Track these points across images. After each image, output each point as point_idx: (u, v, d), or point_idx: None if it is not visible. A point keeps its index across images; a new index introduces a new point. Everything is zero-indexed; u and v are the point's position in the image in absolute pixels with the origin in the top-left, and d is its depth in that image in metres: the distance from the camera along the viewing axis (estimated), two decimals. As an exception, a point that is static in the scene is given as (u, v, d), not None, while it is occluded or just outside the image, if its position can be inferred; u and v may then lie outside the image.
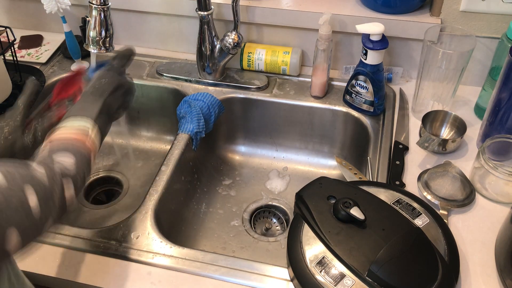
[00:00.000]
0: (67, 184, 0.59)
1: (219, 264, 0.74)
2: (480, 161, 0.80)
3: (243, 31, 1.08)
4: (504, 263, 0.69)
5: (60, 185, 0.58)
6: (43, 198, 0.54)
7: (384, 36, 0.93)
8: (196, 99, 1.02)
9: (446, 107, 0.97)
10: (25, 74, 1.07)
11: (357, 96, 0.99)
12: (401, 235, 0.68)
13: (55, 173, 0.57)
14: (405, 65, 1.07)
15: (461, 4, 0.95)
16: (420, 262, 0.66)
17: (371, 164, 0.91)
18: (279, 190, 1.07)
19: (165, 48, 1.18)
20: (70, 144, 0.64)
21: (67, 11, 1.03)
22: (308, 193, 0.76)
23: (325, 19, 0.94)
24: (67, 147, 0.63)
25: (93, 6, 0.84)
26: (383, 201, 0.75)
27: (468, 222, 0.79)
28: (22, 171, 0.53)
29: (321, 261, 0.68)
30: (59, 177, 0.58)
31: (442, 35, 0.94)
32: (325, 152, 1.11)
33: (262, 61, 1.07)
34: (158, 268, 0.74)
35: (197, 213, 1.01)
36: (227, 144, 1.14)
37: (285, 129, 1.09)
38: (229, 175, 1.10)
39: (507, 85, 0.81)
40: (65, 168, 0.60)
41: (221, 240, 0.97)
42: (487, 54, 0.98)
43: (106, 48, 0.88)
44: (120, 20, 1.14)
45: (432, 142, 0.87)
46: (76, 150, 0.63)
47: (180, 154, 0.94)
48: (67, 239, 0.78)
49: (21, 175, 0.52)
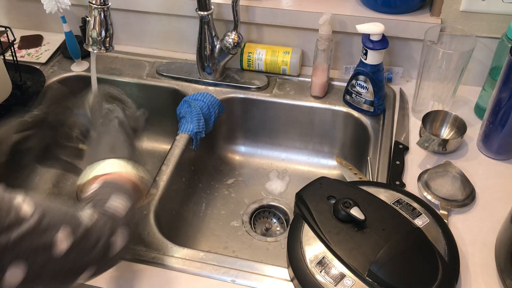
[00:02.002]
0: (116, 242, 0.56)
1: (219, 264, 0.74)
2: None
3: (243, 31, 1.08)
4: (504, 263, 0.69)
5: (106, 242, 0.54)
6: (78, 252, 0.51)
7: (384, 36, 0.93)
8: (196, 99, 1.02)
9: (446, 107, 0.97)
10: (25, 74, 1.07)
11: (357, 96, 0.99)
12: (401, 235, 0.68)
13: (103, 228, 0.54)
14: (405, 65, 1.07)
15: (461, 4, 0.95)
16: (420, 262, 0.66)
17: (371, 164, 0.91)
18: (279, 190, 1.07)
19: (165, 48, 1.18)
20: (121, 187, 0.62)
21: (67, 11, 1.03)
22: (308, 193, 0.76)
23: (325, 19, 0.94)
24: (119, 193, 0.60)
25: (93, 6, 0.84)
26: (383, 201, 0.75)
27: (468, 222, 0.79)
28: (65, 219, 0.51)
29: (321, 261, 0.68)
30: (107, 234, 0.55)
31: (442, 35, 0.94)
32: (325, 152, 1.11)
33: (262, 61, 1.07)
34: (158, 268, 0.74)
35: (197, 213, 1.01)
36: (227, 144, 1.14)
37: (285, 129, 1.09)
38: (229, 175, 1.10)
39: (507, 85, 0.81)
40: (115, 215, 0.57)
41: (221, 240, 0.97)
42: (487, 54, 0.98)
43: (106, 48, 0.88)
44: (120, 20, 1.14)
45: (432, 142, 0.87)
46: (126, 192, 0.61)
47: (180, 154, 0.94)
48: (67, 239, 0.78)
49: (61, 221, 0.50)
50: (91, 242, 0.53)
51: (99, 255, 0.54)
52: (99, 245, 0.54)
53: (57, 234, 0.49)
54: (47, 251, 0.49)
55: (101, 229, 0.54)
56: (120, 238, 0.57)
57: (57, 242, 0.49)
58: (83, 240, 0.52)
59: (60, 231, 0.50)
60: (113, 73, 1.11)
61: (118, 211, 0.58)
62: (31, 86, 1.05)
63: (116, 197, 0.59)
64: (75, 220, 0.52)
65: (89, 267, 0.54)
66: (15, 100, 1.01)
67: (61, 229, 0.50)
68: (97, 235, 0.54)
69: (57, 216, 0.50)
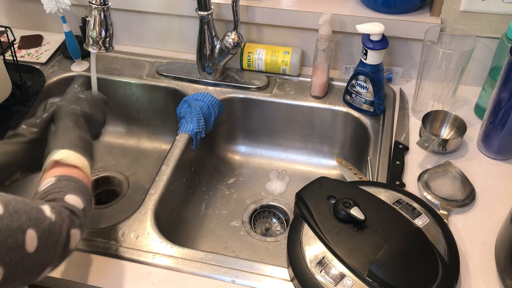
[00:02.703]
0: (74, 235, 0.59)
1: (219, 264, 0.74)
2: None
3: (243, 31, 1.08)
4: (504, 263, 0.69)
5: (66, 235, 0.57)
6: (45, 246, 0.53)
7: (384, 36, 0.93)
8: (196, 99, 1.02)
9: (446, 107, 0.97)
10: (25, 74, 1.07)
11: (357, 96, 0.99)
12: (401, 235, 0.68)
13: (64, 222, 0.57)
14: (405, 65, 1.07)
15: (461, 4, 0.95)
16: (420, 262, 0.66)
17: (371, 164, 0.91)
18: (279, 190, 1.07)
19: (165, 48, 1.18)
20: (77, 187, 0.63)
21: (67, 11, 1.03)
22: (308, 193, 0.76)
23: (325, 19, 0.94)
24: (75, 189, 0.62)
25: (93, 6, 0.84)
26: (383, 201, 0.75)
27: (468, 222, 0.79)
28: (32, 214, 0.53)
29: (321, 261, 0.68)
30: (67, 228, 0.57)
31: (442, 35, 0.94)
32: (325, 152, 1.11)
33: (262, 61, 1.07)
34: (158, 268, 0.74)
35: (197, 213, 1.01)
36: (227, 144, 1.14)
37: (285, 129, 1.09)
38: (229, 175, 1.10)
39: (507, 85, 0.81)
40: (75, 217, 0.60)
41: (221, 240, 0.97)
42: (487, 54, 0.98)
43: (106, 48, 0.88)
44: (120, 20, 1.14)
45: (432, 142, 0.87)
46: (82, 193, 0.63)
47: (180, 154, 0.94)
48: (67, 239, 0.78)
49: (28, 217, 0.52)
50: (55, 236, 0.55)
51: (61, 248, 0.57)
52: (61, 238, 0.56)
53: (27, 231, 0.51)
54: (20, 248, 0.50)
55: (62, 223, 0.57)
56: (78, 231, 0.60)
57: (28, 239, 0.51)
58: (48, 234, 0.54)
59: (29, 227, 0.51)
60: (113, 73, 1.11)
61: (76, 205, 0.61)
62: (31, 86, 1.05)
63: (72, 192, 0.62)
64: (40, 215, 0.54)
65: (53, 260, 0.56)
66: (15, 100, 1.01)
67: (30, 226, 0.51)
68: (59, 229, 0.56)
69: (24, 212, 0.52)
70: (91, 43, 0.87)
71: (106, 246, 0.77)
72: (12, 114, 0.98)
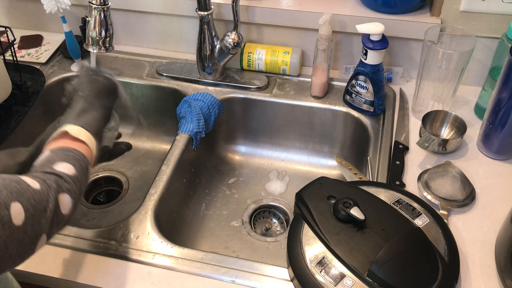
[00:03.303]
0: (63, 200, 0.58)
1: (219, 264, 0.74)
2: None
3: (243, 31, 1.08)
4: (504, 263, 0.69)
5: (55, 201, 0.56)
6: (34, 216, 0.52)
7: (384, 36, 0.93)
8: (196, 99, 1.02)
9: (446, 107, 0.97)
10: (25, 74, 1.07)
11: (357, 96, 0.99)
12: (401, 235, 0.68)
13: (50, 188, 0.56)
14: (405, 65, 1.07)
15: (461, 4, 0.95)
16: (420, 262, 0.66)
17: (371, 164, 0.91)
18: (279, 190, 1.07)
19: (165, 48, 1.18)
20: (71, 155, 0.63)
21: (67, 11, 1.03)
22: (308, 193, 0.76)
23: (325, 19, 0.94)
24: (67, 157, 0.62)
25: (93, 6, 0.84)
26: (383, 201, 0.75)
27: (468, 222, 0.79)
28: (12, 187, 0.52)
29: (321, 261, 0.68)
30: (54, 193, 0.56)
31: (442, 35, 0.94)
32: (325, 152, 1.11)
33: (262, 61, 1.07)
34: (158, 268, 0.74)
35: (197, 213, 1.01)
36: (227, 144, 1.14)
37: (285, 129, 1.09)
38: (229, 175, 1.10)
39: (507, 85, 0.81)
40: (63, 182, 0.59)
41: (221, 240, 0.97)
42: (487, 54, 0.98)
43: (106, 48, 0.88)
44: (120, 20, 1.14)
45: (432, 142, 0.87)
46: (76, 161, 0.62)
47: (180, 154, 0.94)
48: (67, 239, 0.78)
49: (9, 191, 0.51)
50: (43, 203, 0.54)
51: (51, 215, 0.55)
52: (50, 205, 0.55)
53: (11, 204, 0.50)
54: (7, 224, 0.49)
55: (49, 190, 0.56)
56: (67, 195, 0.58)
57: (13, 212, 0.50)
58: (35, 204, 0.53)
59: (13, 201, 0.50)
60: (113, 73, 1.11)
61: (64, 171, 0.60)
62: (31, 86, 1.05)
63: (64, 160, 0.61)
64: (22, 186, 0.53)
65: (46, 228, 0.55)
66: (15, 100, 1.01)
67: (13, 199, 0.50)
68: (46, 196, 0.55)
69: (3, 187, 0.51)
70: (91, 43, 0.87)
71: (106, 246, 0.77)
72: (12, 114, 0.98)
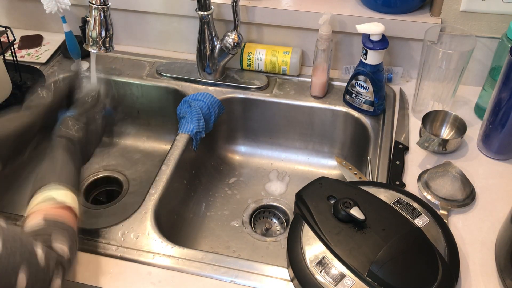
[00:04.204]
0: (57, 276, 0.60)
1: (219, 264, 0.74)
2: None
3: (243, 31, 1.08)
4: (504, 263, 0.69)
5: (52, 273, 0.58)
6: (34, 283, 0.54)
7: (384, 36, 0.93)
8: (196, 99, 1.02)
9: (446, 107, 0.97)
10: (25, 74, 1.07)
11: (357, 96, 0.99)
12: (401, 235, 0.68)
13: (51, 270, 0.58)
14: (405, 65, 1.07)
15: (461, 4, 0.95)
16: (420, 262, 0.66)
17: (371, 164, 0.91)
18: (279, 190, 1.07)
19: (165, 48, 1.18)
20: (66, 234, 0.64)
21: (67, 11, 1.03)
22: (308, 193, 0.76)
23: (325, 19, 0.94)
24: (63, 235, 0.63)
25: (93, 6, 0.84)
26: (383, 201, 0.75)
27: (468, 222, 0.79)
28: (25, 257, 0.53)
29: (321, 261, 0.68)
30: (52, 277, 0.58)
31: (442, 35, 0.94)
32: (325, 152, 1.11)
33: (262, 61, 1.07)
34: (158, 268, 0.74)
35: (197, 213, 1.01)
36: (227, 144, 1.14)
37: (285, 129, 1.09)
38: (229, 175, 1.10)
39: (507, 85, 0.81)
40: (61, 267, 0.61)
41: (221, 240, 0.97)
42: (487, 54, 0.98)
43: (106, 48, 0.88)
44: (120, 20, 1.14)
45: (432, 142, 0.87)
46: (70, 234, 0.64)
47: (180, 154, 0.94)
48: (67, 239, 0.78)
49: (22, 259, 0.53)
50: (40, 283, 0.57)
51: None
52: (45, 284, 0.58)
53: (19, 274, 0.52)
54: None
55: (49, 272, 0.58)
56: (60, 281, 0.61)
57: (19, 281, 0.52)
58: (35, 281, 0.55)
59: (21, 271, 0.52)
60: (113, 73, 1.11)
61: (63, 255, 0.62)
62: (31, 86, 1.05)
63: (60, 240, 0.62)
64: (33, 260, 0.55)
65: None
66: (15, 100, 1.01)
67: (22, 269, 0.52)
68: (47, 277, 0.57)
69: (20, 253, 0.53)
70: (91, 43, 0.87)
71: (106, 246, 0.77)
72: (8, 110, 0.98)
